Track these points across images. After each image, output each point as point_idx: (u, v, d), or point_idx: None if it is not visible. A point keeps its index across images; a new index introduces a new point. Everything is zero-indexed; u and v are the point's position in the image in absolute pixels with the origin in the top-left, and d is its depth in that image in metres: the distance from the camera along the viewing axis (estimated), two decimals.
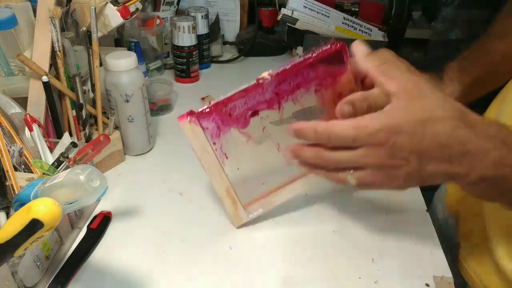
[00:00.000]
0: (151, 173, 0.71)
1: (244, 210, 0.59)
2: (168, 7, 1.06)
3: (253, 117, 0.50)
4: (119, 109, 0.69)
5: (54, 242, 0.53)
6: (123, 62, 0.66)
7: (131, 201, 0.64)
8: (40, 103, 0.64)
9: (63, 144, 0.61)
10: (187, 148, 0.68)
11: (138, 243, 0.57)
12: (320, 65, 0.47)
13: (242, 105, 0.49)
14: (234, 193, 0.57)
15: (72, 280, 0.52)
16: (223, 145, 0.52)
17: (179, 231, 0.59)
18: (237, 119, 0.50)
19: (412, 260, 0.55)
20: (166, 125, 0.85)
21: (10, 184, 0.53)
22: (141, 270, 0.53)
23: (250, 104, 0.50)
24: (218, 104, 0.50)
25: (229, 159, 0.54)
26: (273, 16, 1.13)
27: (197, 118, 0.50)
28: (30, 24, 0.64)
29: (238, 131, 0.51)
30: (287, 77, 0.48)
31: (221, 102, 0.49)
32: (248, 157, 0.55)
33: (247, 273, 0.53)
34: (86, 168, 0.42)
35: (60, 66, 0.65)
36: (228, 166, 0.55)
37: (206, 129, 0.51)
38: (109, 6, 0.69)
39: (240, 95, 0.49)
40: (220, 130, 0.51)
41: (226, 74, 1.07)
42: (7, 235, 0.34)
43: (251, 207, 0.59)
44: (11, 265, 0.45)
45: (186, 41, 0.96)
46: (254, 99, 0.49)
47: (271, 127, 0.52)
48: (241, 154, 0.54)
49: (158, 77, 1.03)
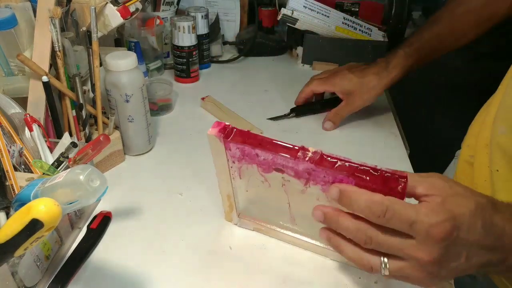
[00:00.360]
0: (151, 173, 0.71)
1: (237, 217, 0.59)
2: (168, 7, 1.06)
3: (277, 172, 0.47)
4: (119, 109, 0.69)
5: (54, 242, 0.53)
6: (123, 62, 0.65)
7: (131, 201, 0.64)
8: (40, 103, 0.64)
9: (63, 144, 0.61)
10: (187, 148, 0.68)
11: (138, 243, 0.57)
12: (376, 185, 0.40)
13: (271, 157, 0.46)
14: (234, 201, 0.57)
15: (72, 280, 0.52)
16: (241, 168, 0.50)
17: (179, 231, 0.59)
18: (262, 162, 0.47)
19: None
20: (166, 125, 0.85)
21: (10, 184, 0.53)
22: (141, 270, 0.53)
23: (280, 163, 0.46)
24: (250, 139, 0.47)
25: (242, 179, 0.52)
26: (273, 16, 1.13)
27: (226, 139, 0.48)
28: (30, 24, 0.64)
29: (258, 169, 0.48)
30: (328, 171, 0.42)
31: (255, 140, 0.46)
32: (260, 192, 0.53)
33: (247, 273, 0.53)
34: (86, 168, 0.42)
35: (60, 66, 0.65)
36: (238, 182, 0.53)
37: (229, 150, 0.49)
38: (109, 6, 0.69)
39: (274, 150, 0.45)
40: (243, 159, 0.48)
41: (226, 74, 1.07)
42: (7, 235, 0.34)
43: (244, 221, 0.59)
44: (11, 265, 0.45)
45: (186, 41, 0.96)
46: (286, 162, 0.45)
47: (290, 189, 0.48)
48: (253, 185, 0.52)
49: (158, 77, 1.03)
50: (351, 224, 0.40)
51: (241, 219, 0.59)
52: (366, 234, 0.39)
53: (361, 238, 0.40)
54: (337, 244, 0.43)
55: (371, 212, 0.38)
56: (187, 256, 0.55)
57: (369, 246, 0.40)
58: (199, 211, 0.63)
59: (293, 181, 0.46)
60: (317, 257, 0.55)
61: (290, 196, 0.50)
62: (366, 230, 0.39)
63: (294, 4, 1.01)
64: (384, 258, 0.40)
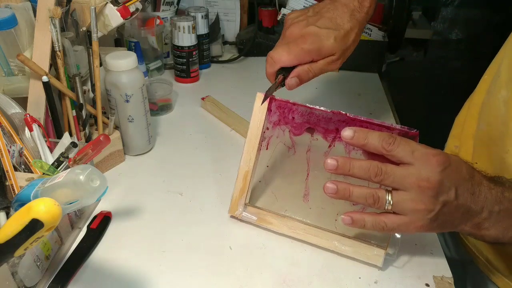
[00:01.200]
0: (151, 173, 0.71)
1: (244, 205, 0.59)
2: (168, 7, 1.06)
3: (308, 133, 0.55)
4: (119, 109, 0.69)
5: (54, 242, 0.53)
6: (123, 62, 0.66)
7: (131, 201, 0.64)
8: (40, 103, 0.64)
9: (63, 144, 0.61)
10: (187, 148, 0.68)
11: (138, 243, 0.57)
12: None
13: (305, 115, 0.54)
14: (249, 182, 0.58)
15: (72, 280, 0.52)
16: (272, 137, 0.57)
17: (179, 231, 0.59)
18: (295, 125, 0.55)
19: (412, 260, 0.55)
20: (166, 125, 0.85)
21: (10, 184, 0.53)
22: (141, 270, 0.53)
23: (312, 121, 0.53)
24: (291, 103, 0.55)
25: (267, 151, 0.58)
26: (273, 16, 1.13)
27: (272, 99, 0.55)
28: (30, 24, 0.64)
29: (290, 134, 0.56)
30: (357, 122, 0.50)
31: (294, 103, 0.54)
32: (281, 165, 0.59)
33: (247, 273, 0.53)
34: (86, 168, 0.42)
35: (60, 66, 0.65)
36: (262, 155, 0.58)
37: (270, 111, 0.55)
38: (109, 6, 0.69)
39: (310, 108, 0.53)
40: (279, 122, 0.55)
41: (226, 74, 1.07)
42: (7, 235, 0.34)
43: (251, 209, 0.59)
44: (11, 265, 0.45)
45: (186, 41, 0.96)
46: (317, 119, 0.53)
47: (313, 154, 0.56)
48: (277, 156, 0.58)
49: (158, 77, 1.03)
50: (363, 162, 0.45)
51: (247, 207, 0.59)
52: (378, 166, 0.45)
53: (373, 171, 0.45)
54: (344, 187, 0.47)
55: (384, 142, 0.44)
56: (187, 256, 0.55)
57: (379, 177, 0.44)
58: (199, 211, 0.63)
59: (320, 141, 0.53)
60: (317, 257, 0.55)
61: (312, 163, 0.56)
62: (377, 163, 0.45)
63: (294, 4, 1.01)
64: (388, 194, 0.45)
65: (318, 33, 0.55)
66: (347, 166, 0.46)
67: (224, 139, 0.81)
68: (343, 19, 0.56)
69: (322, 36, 0.55)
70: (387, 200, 0.45)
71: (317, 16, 0.57)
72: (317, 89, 0.98)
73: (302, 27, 0.56)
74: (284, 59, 0.55)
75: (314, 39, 0.55)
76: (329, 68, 0.58)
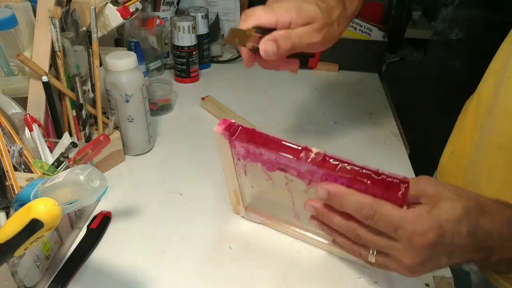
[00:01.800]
0: (151, 173, 0.71)
1: (244, 210, 0.59)
2: (168, 7, 1.06)
3: (281, 172, 0.47)
4: (119, 109, 0.69)
5: (54, 242, 0.53)
6: (123, 62, 0.66)
7: (131, 201, 0.64)
8: (40, 103, 0.64)
9: (63, 144, 0.61)
10: (187, 148, 0.68)
11: (138, 243, 0.57)
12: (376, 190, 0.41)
13: (274, 157, 0.46)
14: (240, 196, 0.57)
15: (72, 280, 0.52)
16: (246, 165, 0.51)
17: (179, 231, 0.59)
18: (266, 161, 0.47)
19: None
20: (166, 125, 0.85)
21: (10, 184, 0.53)
22: (141, 270, 0.53)
23: (283, 162, 0.46)
24: (255, 138, 0.47)
25: (247, 176, 0.53)
26: None
27: (231, 137, 0.48)
28: (30, 24, 0.64)
29: (262, 168, 0.49)
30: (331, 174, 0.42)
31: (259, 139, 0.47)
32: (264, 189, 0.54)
33: (247, 273, 0.53)
34: (86, 168, 0.42)
35: (60, 66, 0.65)
36: (243, 180, 0.54)
37: (234, 147, 0.49)
38: (109, 6, 0.69)
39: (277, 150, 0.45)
40: (247, 157, 0.49)
41: (226, 74, 1.07)
42: (7, 235, 0.34)
43: (251, 214, 0.60)
44: (11, 265, 0.45)
45: (186, 41, 0.96)
46: (289, 162, 0.45)
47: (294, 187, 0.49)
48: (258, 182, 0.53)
49: (158, 77, 1.03)
50: (342, 222, 0.42)
51: (248, 212, 0.59)
52: (356, 232, 0.41)
53: (351, 235, 0.42)
54: (329, 233, 0.46)
55: (361, 214, 0.40)
56: (187, 256, 0.55)
57: (359, 242, 0.42)
58: (199, 211, 0.63)
59: (296, 181, 0.46)
60: (317, 257, 0.55)
61: (294, 194, 0.50)
62: (356, 229, 0.41)
63: None
64: (374, 251, 0.42)
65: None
66: (325, 219, 0.43)
67: None
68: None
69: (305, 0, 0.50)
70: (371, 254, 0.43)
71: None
72: (317, 89, 0.98)
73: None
74: (260, 12, 0.49)
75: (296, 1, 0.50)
76: (309, 38, 0.50)
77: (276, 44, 0.48)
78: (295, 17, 0.49)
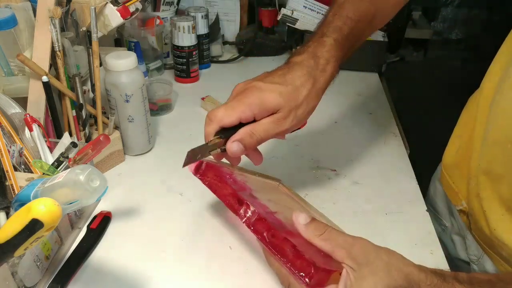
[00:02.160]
0: (151, 173, 0.71)
1: None
2: (168, 7, 1.06)
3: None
4: (119, 109, 0.69)
5: (54, 242, 0.53)
6: (123, 62, 0.66)
7: (131, 201, 0.64)
8: (40, 103, 0.64)
9: (63, 144, 0.61)
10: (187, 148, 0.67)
11: (138, 243, 0.57)
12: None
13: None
14: None
15: (72, 280, 0.52)
16: None
17: (179, 231, 0.59)
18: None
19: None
20: (166, 125, 0.85)
21: (10, 184, 0.53)
22: (141, 270, 0.53)
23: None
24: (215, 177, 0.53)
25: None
26: (273, 16, 1.13)
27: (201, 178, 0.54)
28: (30, 24, 0.64)
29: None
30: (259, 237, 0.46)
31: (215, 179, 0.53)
32: None
33: (247, 273, 0.53)
34: (86, 168, 0.42)
35: (60, 66, 0.65)
36: None
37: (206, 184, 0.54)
38: (109, 6, 0.69)
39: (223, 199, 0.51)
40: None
41: (226, 74, 1.07)
42: (7, 235, 0.34)
43: None
44: (11, 265, 0.45)
45: (186, 41, 0.96)
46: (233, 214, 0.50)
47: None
48: None
49: (158, 77, 1.03)
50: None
51: None
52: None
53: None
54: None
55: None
56: (187, 256, 0.55)
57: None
58: (199, 211, 0.63)
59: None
60: None
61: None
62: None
63: (294, 4, 1.01)
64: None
65: (262, 87, 0.49)
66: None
67: None
68: (294, 75, 0.51)
69: (266, 90, 0.49)
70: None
71: (268, 75, 0.52)
72: None
73: (247, 83, 0.52)
74: (221, 114, 0.48)
75: (257, 92, 0.49)
76: (276, 128, 0.50)
77: (242, 143, 0.48)
78: (257, 112, 0.49)
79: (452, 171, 0.70)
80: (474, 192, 0.60)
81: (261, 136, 0.49)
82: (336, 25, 0.55)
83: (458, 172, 0.67)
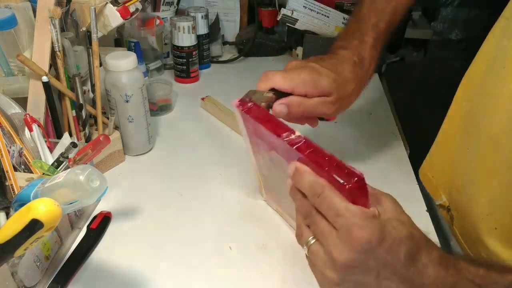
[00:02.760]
0: (151, 173, 0.71)
1: (265, 194, 0.62)
2: (168, 7, 1.06)
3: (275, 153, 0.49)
4: (119, 109, 0.69)
5: (54, 242, 0.53)
6: (123, 62, 0.66)
7: (131, 201, 0.64)
8: (40, 103, 0.64)
9: (63, 144, 0.61)
10: (187, 148, 0.68)
11: (138, 243, 0.57)
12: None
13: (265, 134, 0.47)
14: (259, 178, 0.60)
15: (72, 280, 0.52)
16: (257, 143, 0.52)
17: (179, 231, 0.59)
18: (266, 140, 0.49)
19: None
20: (166, 125, 0.85)
21: (10, 184, 0.53)
22: (141, 270, 0.53)
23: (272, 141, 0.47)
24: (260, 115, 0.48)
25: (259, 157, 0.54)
26: (273, 16, 1.13)
27: (242, 111, 0.50)
28: (30, 24, 0.64)
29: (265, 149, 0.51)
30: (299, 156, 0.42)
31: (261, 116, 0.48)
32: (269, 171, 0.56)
33: (247, 273, 0.53)
34: (86, 168, 0.42)
35: (60, 66, 0.65)
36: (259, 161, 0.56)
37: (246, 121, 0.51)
38: (109, 6, 0.69)
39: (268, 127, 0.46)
40: (255, 133, 0.51)
41: (226, 74, 1.07)
42: (7, 235, 0.34)
43: (270, 199, 0.62)
44: (11, 265, 0.45)
45: (186, 41, 0.96)
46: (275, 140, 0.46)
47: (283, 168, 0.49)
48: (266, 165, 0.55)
49: (158, 77, 1.03)
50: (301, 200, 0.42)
51: (268, 197, 0.62)
52: (308, 209, 0.41)
53: (303, 211, 0.42)
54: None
55: (311, 191, 0.39)
56: (187, 256, 0.55)
57: (307, 221, 0.42)
58: (199, 211, 0.63)
59: (283, 162, 0.47)
60: None
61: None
62: (308, 206, 0.41)
63: (294, 4, 1.01)
64: (312, 239, 0.41)
65: (319, 70, 0.53)
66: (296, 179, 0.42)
67: (224, 139, 0.81)
68: (344, 68, 0.55)
69: (322, 72, 0.53)
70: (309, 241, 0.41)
71: (320, 61, 0.55)
72: None
73: (303, 62, 0.55)
74: (279, 78, 0.52)
75: (313, 72, 0.53)
76: (323, 109, 0.54)
77: (289, 108, 0.53)
78: (310, 91, 0.53)
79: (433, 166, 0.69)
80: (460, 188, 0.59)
81: (306, 109, 0.54)
82: (373, 22, 0.59)
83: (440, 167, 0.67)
